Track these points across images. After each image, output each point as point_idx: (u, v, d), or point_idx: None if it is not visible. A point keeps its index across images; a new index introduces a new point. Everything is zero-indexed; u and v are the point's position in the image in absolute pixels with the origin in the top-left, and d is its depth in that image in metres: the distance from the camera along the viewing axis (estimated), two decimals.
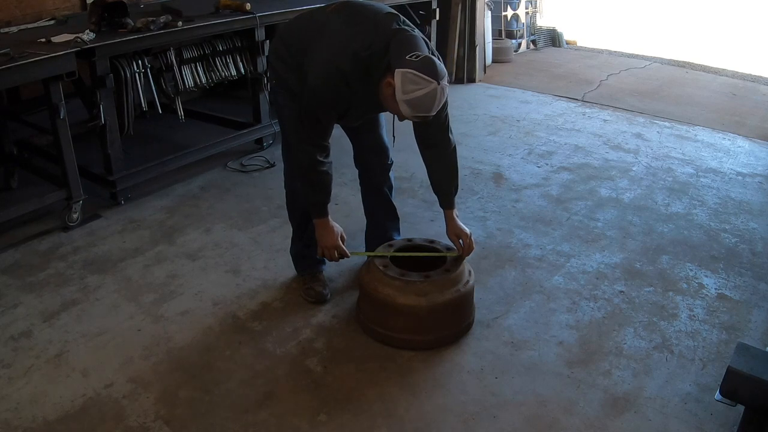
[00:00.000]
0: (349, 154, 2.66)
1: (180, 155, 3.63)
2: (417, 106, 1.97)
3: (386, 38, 2.04)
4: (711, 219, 3.34)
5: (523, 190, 3.62)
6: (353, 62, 2.05)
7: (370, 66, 2.05)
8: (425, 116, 2.01)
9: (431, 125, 2.27)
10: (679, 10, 10.25)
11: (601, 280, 2.79)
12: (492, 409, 2.08)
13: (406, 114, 2.01)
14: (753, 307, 2.63)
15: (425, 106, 1.97)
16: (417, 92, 1.93)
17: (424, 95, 1.94)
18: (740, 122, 4.89)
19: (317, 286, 2.62)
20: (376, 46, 2.04)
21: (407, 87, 1.94)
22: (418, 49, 1.98)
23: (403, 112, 2.01)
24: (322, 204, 2.32)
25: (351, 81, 2.07)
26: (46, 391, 2.11)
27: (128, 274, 2.78)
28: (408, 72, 1.93)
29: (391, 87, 1.99)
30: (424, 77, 1.92)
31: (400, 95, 1.96)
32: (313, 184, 2.27)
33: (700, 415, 2.06)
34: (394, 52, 2.00)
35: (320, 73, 2.09)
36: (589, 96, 5.43)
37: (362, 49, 2.04)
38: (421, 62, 1.94)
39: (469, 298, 2.43)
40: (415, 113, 1.99)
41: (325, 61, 2.09)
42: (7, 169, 3.50)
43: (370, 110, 2.25)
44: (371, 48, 2.04)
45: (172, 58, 3.48)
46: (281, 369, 2.25)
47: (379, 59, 2.04)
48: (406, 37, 2.04)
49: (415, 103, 1.96)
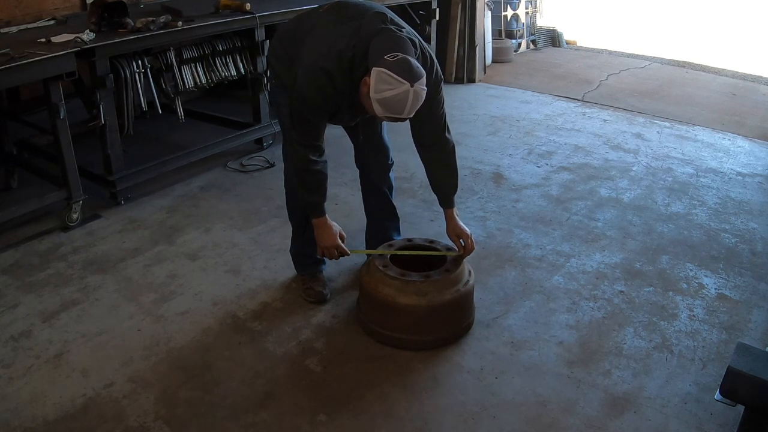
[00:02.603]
0: (349, 154, 2.66)
1: (180, 155, 3.63)
2: (388, 107, 1.96)
3: (370, 38, 2.04)
4: (711, 219, 3.34)
5: (523, 190, 3.62)
6: (338, 62, 2.05)
7: (353, 66, 2.05)
8: (397, 118, 2.00)
9: (426, 124, 2.26)
10: (679, 10, 10.25)
11: (601, 280, 2.79)
12: (492, 409, 2.08)
13: (379, 113, 2.00)
14: (753, 307, 2.63)
15: (396, 107, 1.95)
16: (387, 92, 1.92)
17: (395, 96, 1.92)
18: (740, 122, 4.89)
19: (317, 286, 2.62)
20: (360, 46, 2.04)
21: (379, 86, 1.93)
22: (399, 49, 1.97)
23: (376, 111, 2.00)
24: (318, 204, 2.32)
25: (336, 81, 2.07)
26: (46, 391, 2.11)
27: (128, 274, 2.78)
28: (382, 71, 1.92)
29: (366, 86, 1.99)
30: (396, 78, 1.91)
31: (373, 94, 1.95)
32: (307, 183, 2.27)
33: (700, 415, 2.06)
34: (373, 51, 2.00)
35: (306, 73, 2.09)
36: (589, 96, 5.43)
37: (346, 49, 2.04)
38: (396, 62, 1.93)
39: (469, 298, 2.43)
40: (386, 113, 1.98)
41: (311, 62, 2.09)
42: (7, 169, 3.50)
43: (360, 110, 2.25)
44: (355, 48, 2.04)
45: (172, 58, 3.48)
46: (281, 369, 2.25)
47: (362, 59, 2.03)
48: (389, 37, 2.03)
49: (385, 103, 1.95)
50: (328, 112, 2.19)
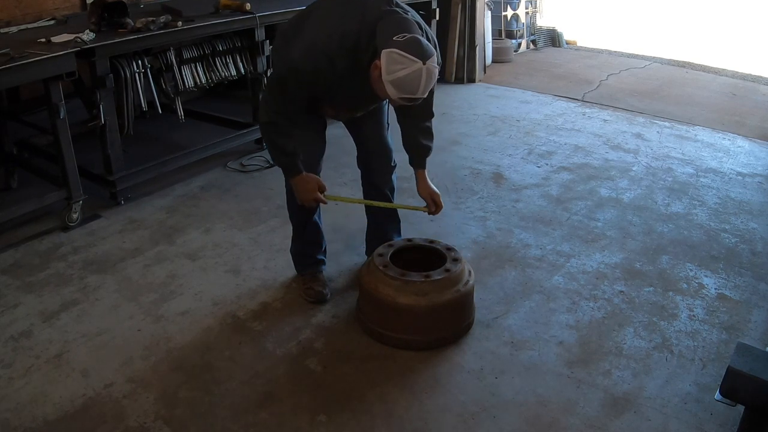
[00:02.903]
0: (349, 154, 2.66)
1: (180, 155, 3.63)
2: (401, 87, 1.94)
3: (375, 21, 2.03)
4: (711, 219, 3.34)
5: (523, 190, 3.62)
6: (340, 43, 2.04)
7: (358, 49, 2.04)
8: (412, 97, 1.98)
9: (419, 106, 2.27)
10: (679, 10, 10.25)
11: (601, 280, 2.79)
12: (492, 409, 2.08)
13: (393, 95, 1.98)
14: (753, 307, 2.63)
15: (410, 86, 1.94)
16: (400, 72, 1.91)
17: (408, 75, 1.92)
18: (740, 122, 4.89)
19: (317, 286, 2.62)
20: (365, 29, 2.03)
21: (391, 67, 1.92)
22: (406, 30, 1.97)
23: (389, 93, 1.98)
24: (289, 163, 2.29)
25: (336, 61, 2.05)
26: (46, 391, 2.11)
27: (128, 274, 2.78)
28: (393, 51, 1.92)
29: (378, 69, 1.97)
30: (408, 57, 1.90)
31: (385, 75, 1.94)
32: (275, 145, 2.26)
33: (700, 415, 2.06)
34: (380, 33, 1.99)
35: (307, 51, 2.07)
36: (589, 96, 5.43)
37: (351, 32, 2.03)
38: (405, 42, 1.92)
39: (469, 298, 2.43)
40: (400, 94, 1.97)
41: (310, 38, 2.08)
42: (7, 169, 3.50)
43: (358, 98, 2.22)
44: (359, 32, 2.03)
45: (172, 58, 3.48)
46: (281, 369, 2.25)
47: (368, 42, 2.02)
48: (395, 19, 2.02)
49: (398, 84, 1.94)
50: (314, 96, 2.17)
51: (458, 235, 3.11)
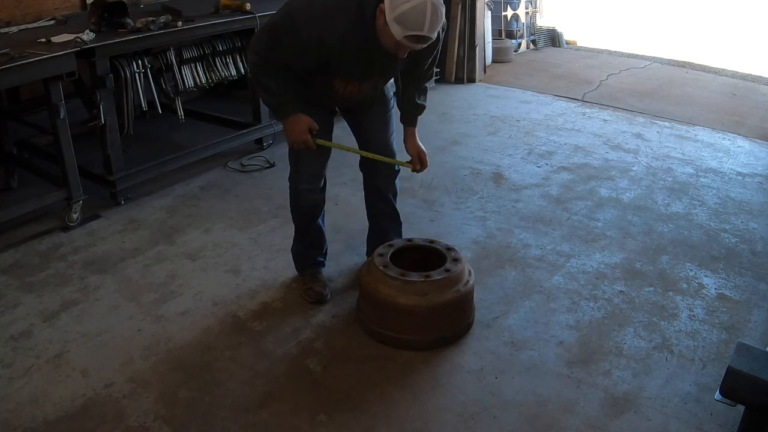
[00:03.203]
0: (349, 154, 2.65)
1: (180, 155, 3.63)
2: (406, 22, 1.91)
3: None
4: (711, 219, 3.34)
5: (523, 190, 3.62)
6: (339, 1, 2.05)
7: (363, 4, 2.02)
8: (418, 35, 1.94)
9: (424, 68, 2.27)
10: (679, 10, 10.25)
11: (601, 280, 2.79)
12: (492, 409, 2.09)
13: (398, 35, 1.94)
14: (753, 307, 2.63)
15: (416, 21, 1.91)
16: (404, 5, 1.89)
17: (412, 8, 1.89)
18: (740, 122, 4.89)
19: (317, 286, 2.61)
20: None
21: (394, 2, 1.91)
22: None
23: (395, 34, 1.94)
24: (276, 104, 2.28)
25: (336, 18, 2.04)
26: (46, 391, 2.11)
27: (128, 274, 2.78)
28: None
29: (383, 14, 1.95)
30: None
31: (389, 14, 1.92)
32: (261, 84, 2.25)
33: (700, 415, 2.06)
34: None
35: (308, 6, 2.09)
36: (589, 96, 5.43)
37: None
38: None
39: (469, 298, 2.43)
40: (406, 32, 1.92)
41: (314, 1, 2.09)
42: (7, 169, 3.50)
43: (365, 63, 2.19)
44: None
45: (172, 58, 3.48)
46: (281, 369, 2.25)
47: None
48: None
49: (403, 19, 1.91)
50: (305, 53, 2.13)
51: (458, 235, 3.11)
